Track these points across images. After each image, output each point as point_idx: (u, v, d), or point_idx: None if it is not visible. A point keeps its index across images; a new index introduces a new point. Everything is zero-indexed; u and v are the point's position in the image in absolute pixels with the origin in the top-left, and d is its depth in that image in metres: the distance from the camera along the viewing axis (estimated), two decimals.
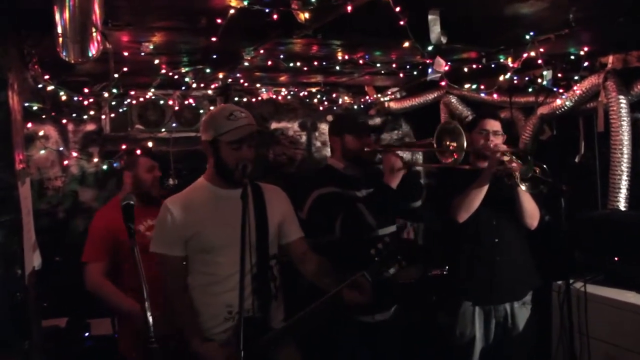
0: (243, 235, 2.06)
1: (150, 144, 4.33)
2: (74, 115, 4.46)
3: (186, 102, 4.71)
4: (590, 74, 3.77)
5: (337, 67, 3.99)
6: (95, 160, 4.69)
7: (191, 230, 2.36)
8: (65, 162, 4.64)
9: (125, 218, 2.05)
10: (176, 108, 4.69)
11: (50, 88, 3.44)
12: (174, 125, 4.75)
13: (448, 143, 2.84)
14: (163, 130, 4.73)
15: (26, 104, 3.93)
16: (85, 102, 4.11)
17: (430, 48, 2.77)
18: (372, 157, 3.06)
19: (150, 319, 1.86)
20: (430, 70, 3.24)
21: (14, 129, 1.99)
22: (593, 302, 3.16)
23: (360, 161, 3.02)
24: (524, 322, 3.17)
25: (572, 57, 3.67)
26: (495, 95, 4.34)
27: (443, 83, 3.56)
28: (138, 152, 3.32)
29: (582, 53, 3.58)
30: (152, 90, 4.43)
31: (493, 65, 3.66)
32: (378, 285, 2.36)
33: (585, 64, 3.75)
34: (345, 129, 3.03)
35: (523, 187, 2.85)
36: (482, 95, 4.40)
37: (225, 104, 4.17)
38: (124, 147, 4.22)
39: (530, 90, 4.20)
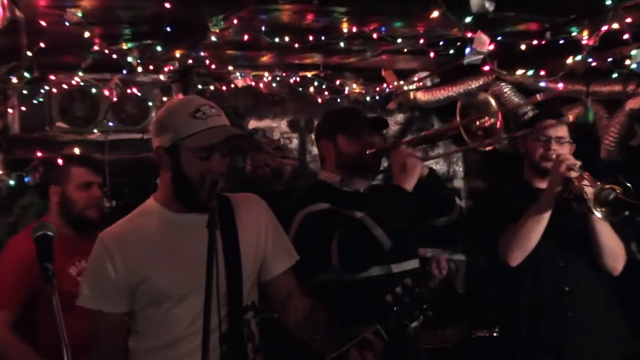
0: (209, 280, 2.04)
1: (77, 150, 4.35)
2: None
3: (129, 92, 4.73)
4: None
5: (342, 44, 4.01)
6: None
7: (138, 276, 2.35)
8: None
9: (39, 256, 2.07)
10: (114, 100, 4.71)
11: None
12: (110, 123, 4.78)
13: (478, 124, 2.92)
14: (95, 130, 4.76)
15: None
16: None
17: (469, 18, 2.81)
18: (377, 162, 3.10)
19: None
20: (468, 49, 3.26)
21: None
22: None
23: (363, 169, 3.07)
24: None
25: None
26: (561, 85, 4.35)
27: (487, 68, 3.58)
28: (67, 160, 3.38)
29: None
30: (81, 74, 4.44)
31: (561, 42, 3.69)
32: (396, 344, 2.36)
33: None
34: (337, 128, 3.07)
35: (599, 215, 2.87)
36: (546, 83, 4.42)
37: (187, 96, 4.26)
38: (39, 154, 4.23)
39: (615, 76, 4.22)
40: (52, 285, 2.05)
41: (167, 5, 2.75)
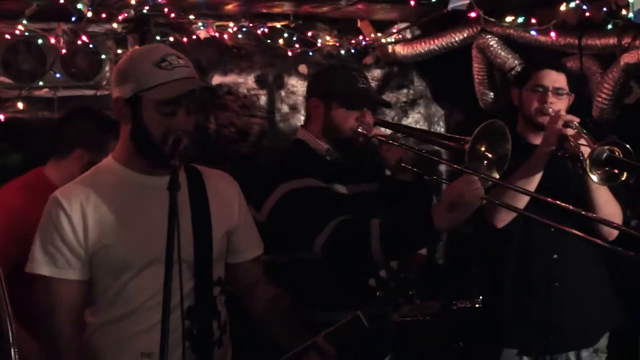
0: (169, 247, 2.01)
1: (20, 105, 4.31)
2: None
3: (79, 43, 4.67)
4: None
5: None
6: None
7: (96, 242, 2.31)
8: None
9: None
10: (63, 51, 4.65)
11: None
12: (58, 76, 4.71)
13: (483, 150, 2.75)
14: (42, 85, 4.71)
15: None
16: None
17: None
18: (366, 144, 2.96)
19: None
20: None
21: None
22: None
23: (349, 149, 2.95)
24: None
25: None
26: (553, 35, 4.30)
27: (474, 14, 3.45)
28: None
29: None
30: (25, 22, 4.34)
31: None
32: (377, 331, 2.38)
33: None
34: (336, 93, 2.92)
35: (595, 178, 2.80)
36: (536, 34, 4.38)
37: (153, 44, 4.07)
38: None
39: (609, 27, 4.18)
40: None
41: None
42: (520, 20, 4.30)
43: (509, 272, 3.16)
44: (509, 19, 4.26)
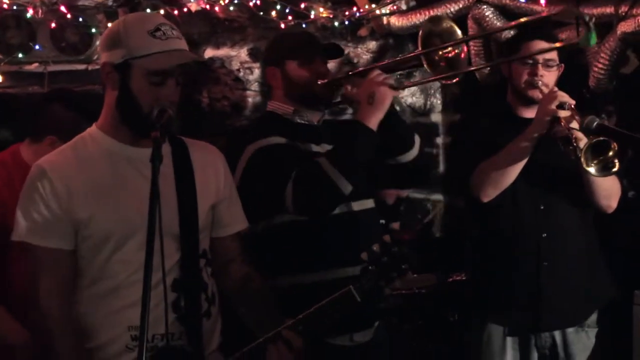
0: (151, 216, 2.03)
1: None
2: None
3: (69, 17, 4.66)
4: None
5: None
6: None
7: (82, 212, 2.31)
8: None
9: None
10: (52, 25, 4.65)
11: None
12: (37, 48, 4.72)
13: (440, 54, 2.75)
14: (32, 60, 4.72)
15: None
16: None
17: None
18: (328, 93, 3.02)
19: None
20: None
21: None
22: None
23: (313, 101, 3.00)
24: (585, 353, 3.18)
25: None
26: (543, 1, 4.30)
27: None
28: None
29: None
30: None
31: None
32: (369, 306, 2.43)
33: None
34: (287, 53, 2.99)
35: (592, 170, 2.77)
36: (525, 1, 4.42)
37: (147, 12, 4.16)
38: None
39: None
40: None
41: None
42: None
43: (497, 249, 3.17)
44: None
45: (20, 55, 4.66)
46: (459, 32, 2.72)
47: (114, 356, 2.36)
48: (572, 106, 2.90)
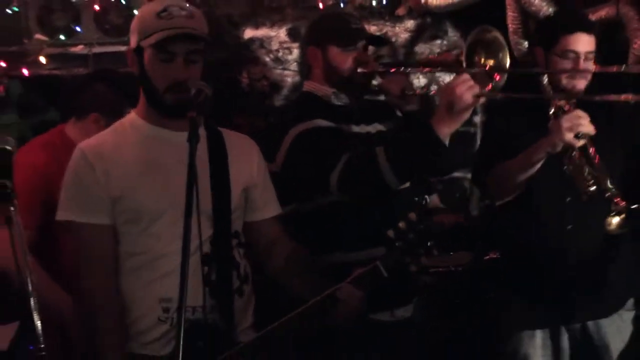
0: (189, 193, 2.08)
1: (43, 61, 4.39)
2: None
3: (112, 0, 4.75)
4: None
5: None
6: None
7: (118, 190, 2.39)
8: None
9: None
10: (96, 8, 4.72)
11: None
12: (90, 32, 4.78)
13: (483, 61, 2.70)
14: (78, 42, 4.77)
15: None
16: None
17: None
18: (368, 81, 3.04)
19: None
20: None
21: None
22: None
23: (352, 87, 3.00)
24: (619, 336, 3.13)
25: None
26: None
27: None
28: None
29: None
30: None
31: None
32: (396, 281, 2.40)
33: None
34: (329, 36, 2.98)
35: (612, 227, 2.77)
36: None
37: None
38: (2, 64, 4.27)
39: None
40: (13, 204, 2.03)
41: None
42: None
43: (524, 239, 3.13)
44: None
45: (64, 37, 4.73)
46: (504, 42, 2.67)
47: (147, 330, 2.41)
48: (589, 136, 2.78)
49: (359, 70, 2.95)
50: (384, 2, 5.36)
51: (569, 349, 3.13)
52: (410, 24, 5.66)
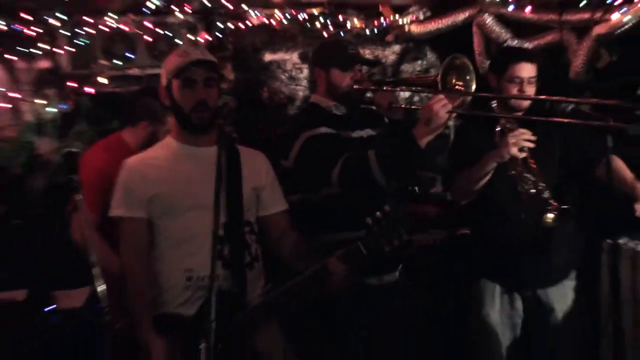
0: (217, 186, 2.14)
1: (105, 82, 4.41)
2: (22, 49, 4.43)
3: (159, 32, 4.72)
4: None
5: None
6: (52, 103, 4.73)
7: (152, 189, 2.46)
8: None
9: (66, 169, 2.04)
10: (148, 39, 4.69)
11: None
12: (144, 58, 4.79)
13: (454, 82, 2.67)
14: (133, 66, 4.77)
15: None
16: (30, 33, 4.07)
17: None
18: (362, 95, 3.01)
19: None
20: None
21: None
22: None
23: (349, 100, 2.98)
24: (563, 299, 3.09)
25: None
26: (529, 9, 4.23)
27: None
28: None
29: None
30: (112, 16, 4.43)
31: None
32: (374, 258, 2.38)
33: None
34: (331, 60, 2.96)
35: (547, 221, 2.76)
36: (526, 12, 4.32)
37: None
38: (71, 84, 4.33)
39: (584, 3, 4.11)
40: (79, 194, 2.03)
41: None
42: None
43: (487, 226, 3.09)
44: None
45: (122, 62, 4.71)
46: (471, 66, 2.66)
47: (175, 297, 2.46)
48: (527, 149, 2.78)
49: (355, 87, 2.93)
50: (376, 31, 5.31)
51: (522, 311, 3.09)
52: (397, 47, 5.62)
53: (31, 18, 3.94)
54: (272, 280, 2.62)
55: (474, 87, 2.65)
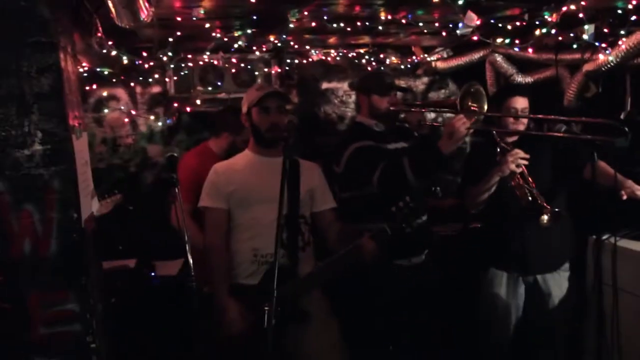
0: (282, 186, 2.14)
1: (199, 103, 4.46)
2: (141, 78, 4.61)
3: (242, 65, 4.77)
4: (638, 28, 3.49)
5: (381, 27, 3.86)
6: (161, 119, 4.88)
7: (232, 186, 2.52)
8: (131, 120, 4.83)
9: (167, 169, 2.11)
10: (233, 70, 4.73)
11: (113, 53, 3.53)
12: (230, 85, 4.82)
13: (470, 104, 2.70)
14: (221, 91, 4.83)
15: (97, 69, 4.12)
16: (146, 66, 4.21)
17: (460, 1, 2.61)
18: (396, 116, 3.02)
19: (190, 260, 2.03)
20: (460, 24, 3.09)
21: (66, 88, 2.05)
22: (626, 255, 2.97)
23: (387, 119, 2.99)
24: (559, 287, 3.01)
25: (620, 12, 3.41)
26: (531, 50, 4.11)
27: (475, 38, 3.40)
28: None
29: (630, 7, 3.32)
30: (208, 53, 4.46)
31: (537, 23, 3.44)
32: (398, 239, 2.38)
33: (634, 17, 3.45)
34: (372, 88, 2.97)
35: (543, 222, 2.69)
36: (528, 52, 4.20)
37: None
38: (175, 104, 4.38)
39: (575, 46, 3.98)
40: (177, 188, 2.09)
41: (262, 4, 2.72)
42: (507, 41, 4.09)
43: (491, 215, 2.99)
44: (499, 40, 4.06)
45: (213, 88, 4.76)
46: (484, 92, 2.67)
47: (244, 270, 2.51)
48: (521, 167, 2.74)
49: (391, 109, 2.94)
50: (409, 66, 5.27)
51: (524, 293, 3.03)
52: (425, 79, 5.57)
53: (148, 55, 4.06)
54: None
55: (485, 108, 2.66)
